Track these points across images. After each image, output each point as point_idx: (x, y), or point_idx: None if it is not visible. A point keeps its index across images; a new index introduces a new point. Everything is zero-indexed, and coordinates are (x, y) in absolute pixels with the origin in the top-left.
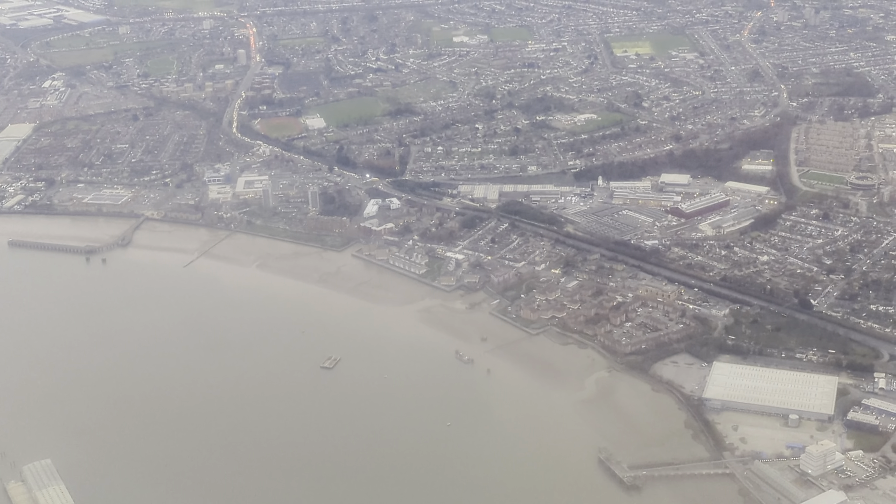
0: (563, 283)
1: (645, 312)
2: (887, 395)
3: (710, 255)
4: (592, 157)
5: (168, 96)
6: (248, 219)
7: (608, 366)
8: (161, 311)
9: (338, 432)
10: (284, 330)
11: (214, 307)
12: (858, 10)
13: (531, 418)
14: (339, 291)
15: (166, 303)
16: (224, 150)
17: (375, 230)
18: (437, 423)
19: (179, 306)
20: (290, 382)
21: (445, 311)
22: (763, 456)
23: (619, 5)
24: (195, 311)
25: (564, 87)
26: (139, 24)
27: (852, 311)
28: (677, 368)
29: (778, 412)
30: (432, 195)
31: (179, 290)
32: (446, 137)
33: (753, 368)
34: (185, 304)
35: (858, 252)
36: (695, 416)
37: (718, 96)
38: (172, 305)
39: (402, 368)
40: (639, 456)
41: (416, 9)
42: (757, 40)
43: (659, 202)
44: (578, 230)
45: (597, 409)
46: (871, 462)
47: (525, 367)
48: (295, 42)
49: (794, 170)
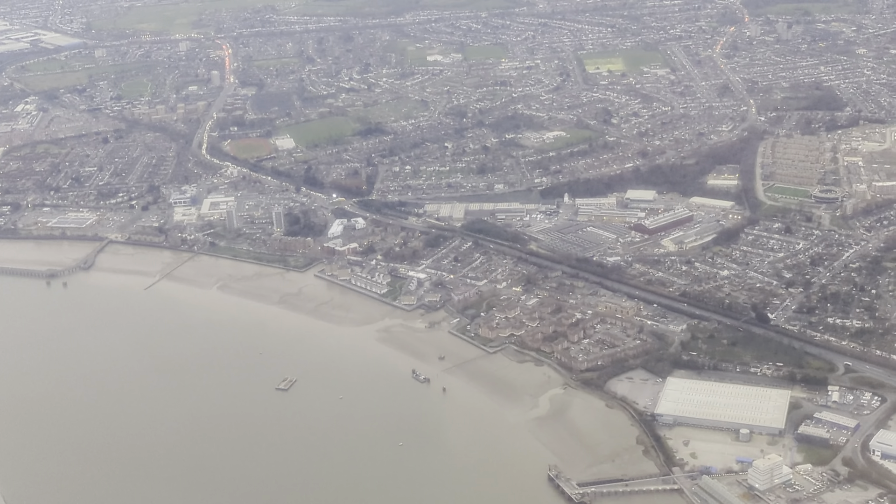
0: (523, 300)
1: (603, 329)
2: (840, 409)
3: (671, 271)
4: (559, 174)
5: (139, 118)
6: (211, 240)
7: (564, 383)
8: (119, 334)
9: (289, 454)
10: (242, 352)
11: (173, 330)
12: (831, 24)
13: (484, 437)
14: (298, 312)
15: (124, 326)
16: (192, 171)
17: (339, 250)
18: (390, 443)
19: (137, 329)
20: (245, 405)
21: (405, 330)
22: (712, 471)
23: (594, 22)
24: (153, 335)
25: (535, 104)
26: (115, 47)
27: (809, 325)
28: (632, 384)
29: (729, 427)
30: (398, 215)
31: (139, 313)
32: (415, 157)
33: (706, 383)
34: (144, 328)
35: (819, 265)
36: (647, 432)
37: (687, 112)
38: (131, 329)
39: (357, 389)
40: (589, 473)
41: (392, 28)
42: (729, 55)
43: (623, 218)
44: (542, 247)
45: (550, 426)
46: (819, 476)
47: (481, 385)
48: (270, 63)
49: (760, 184)
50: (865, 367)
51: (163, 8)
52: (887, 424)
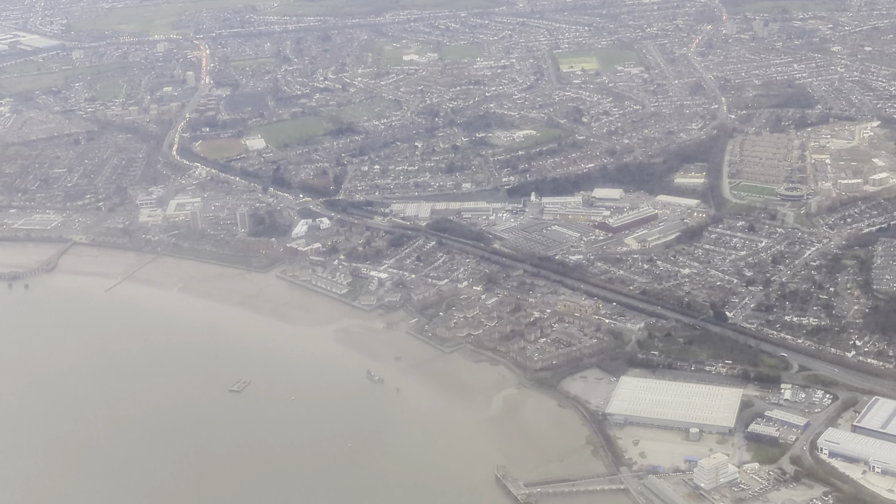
0: (483, 300)
1: (561, 328)
2: (791, 407)
3: (633, 269)
4: (527, 173)
5: (112, 120)
6: (175, 241)
7: (518, 382)
8: (75, 336)
9: (236, 457)
10: (197, 354)
11: (130, 332)
12: (808, 21)
13: (434, 437)
14: (258, 313)
15: (82, 328)
16: (161, 172)
17: (302, 250)
18: (339, 444)
19: (94, 331)
20: (196, 407)
21: (362, 330)
22: (660, 470)
23: (572, 21)
24: (109, 337)
25: (508, 103)
26: (93, 48)
27: (766, 323)
28: (586, 384)
29: (679, 426)
30: (364, 214)
31: (97, 315)
32: (384, 156)
33: (659, 382)
34: (101, 330)
35: (780, 263)
36: (597, 432)
37: (659, 110)
38: (87, 331)
39: (311, 390)
40: (537, 473)
41: (371, 28)
42: (703, 53)
43: (588, 217)
44: (506, 246)
45: (501, 426)
46: (766, 474)
47: (435, 385)
48: (246, 63)
49: (726, 182)
50: (819, 364)
51: (143, 9)
52: (837, 422)
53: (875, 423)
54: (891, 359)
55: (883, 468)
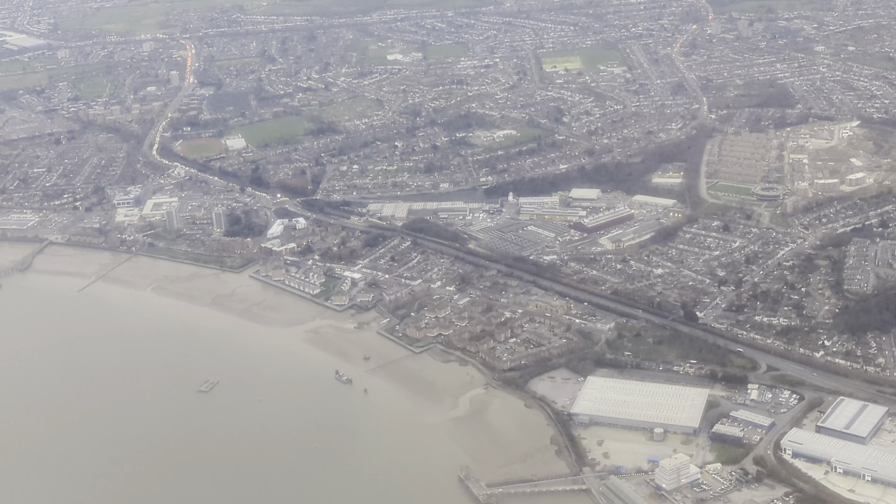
0: (455, 300)
1: (531, 328)
2: (757, 407)
3: (606, 270)
4: (505, 173)
5: (94, 119)
6: (150, 241)
7: (486, 383)
8: (46, 336)
9: (202, 457)
10: (167, 354)
11: (101, 332)
12: (793, 21)
13: (399, 438)
14: (229, 314)
15: (53, 328)
16: (140, 172)
17: (276, 250)
18: (305, 444)
19: (66, 331)
20: (164, 408)
21: (333, 331)
22: (622, 471)
23: (558, 21)
24: (81, 336)
25: (490, 103)
26: (79, 47)
27: (736, 323)
28: (553, 384)
29: (644, 426)
30: (341, 214)
31: (69, 315)
32: (364, 156)
33: (626, 382)
34: (72, 330)
35: (753, 263)
36: (561, 432)
37: (640, 110)
38: (59, 331)
39: (279, 390)
40: (500, 473)
41: (357, 27)
42: (687, 53)
43: (564, 217)
44: (481, 246)
45: (466, 426)
46: (728, 475)
47: (403, 386)
48: (231, 63)
49: (703, 182)
50: (788, 365)
51: (131, 8)
52: (802, 423)
53: (839, 424)
54: (858, 359)
55: (845, 468)
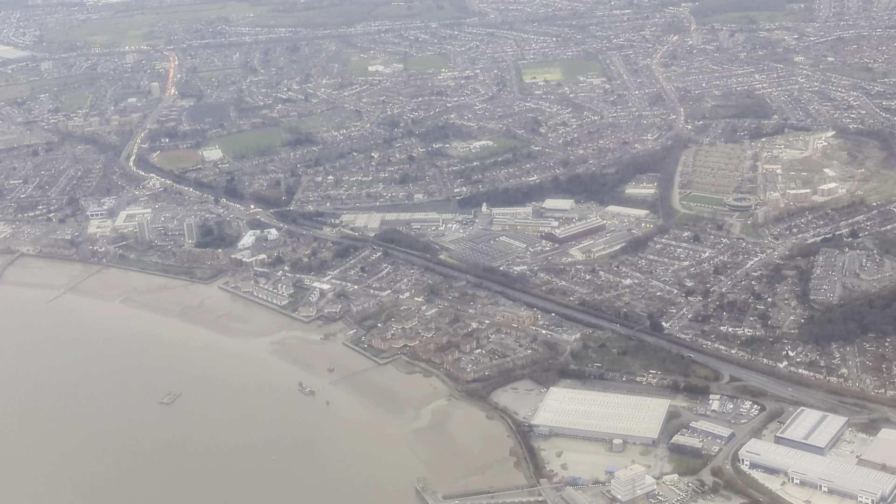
0: (423, 311)
1: (497, 339)
2: (718, 418)
3: (574, 280)
4: (479, 183)
5: (73, 131)
6: (121, 253)
7: (449, 394)
8: (12, 348)
9: (161, 469)
10: (131, 366)
11: (67, 344)
12: (774, 31)
13: (359, 450)
14: (196, 325)
15: (20, 340)
16: (116, 184)
17: (246, 261)
18: (264, 457)
19: (33, 343)
20: (125, 419)
21: (299, 342)
22: (580, 482)
23: (540, 32)
24: (47, 348)
25: (468, 114)
26: (63, 59)
27: (702, 333)
28: (516, 395)
29: (603, 437)
30: (313, 225)
31: (37, 326)
32: (340, 167)
33: (588, 393)
34: (39, 341)
35: (721, 274)
36: (521, 444)
37: (616, 121)
38: (26, 342)
39: (241, 402)
40: (457, 485)
41: (340, 39)
42: (667, 64)
43: (537, 228)
44: (452, 257)
45: (427, 438)
46: (685, 486)
47: (365, 397)
48: (213, 74)
49: (676, 192)
50: (751, 375)
51: (117, 20)
52: (762, 433)
53: (798, 434)
54: (822, 369)
55: (801, 479)
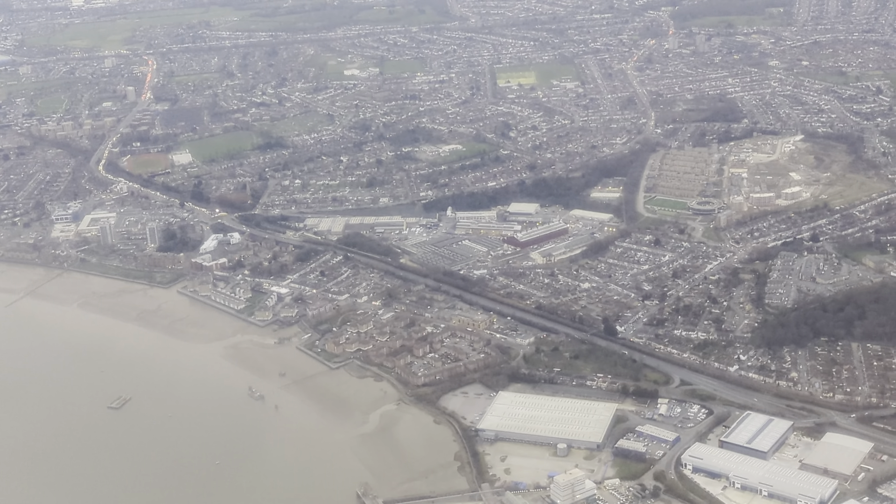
0: (379, 315)
1: (451, 343)
2: (665, 422)
3: (533, 284)
4: (445, 187)
5: (46, 135)
6: (83, 256)
7: (398, 398)
8: None
9: (102, 474)
10: (84, 370)
11: (21, 347)
12: (751, 36)
13: (304, 454)
14: (151, 329)
15: None
16: (84, 188)
17: (206, 265)
18: (208, 462)
19: None
20: (71, 424)
21: (253, 346)
22: (521, 487)
23: (518, 36)
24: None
25: (440, 118)
26: (42, 63)
27: (655, 337)
28: (465, 399)
29: (548, 441)
30: (277, 229)
31: None
32: (308, 171)
33: (536, 397)
34: None
35: (680, 277)
36: (466, 448)
37: (587, 125)
38: None
39: (190, 407)
40: (399, 490)
41: (319, 43)
42: (641, 68)
43: (500, 231)
44: (413, 261)
45: (373, 443)
46: (626, 490)
47: (315, 402)
48: (190, 78)
49: (641, 196)
50: (702, 379)
51: (99, 25)
52: (707, 437)
53: (742, 439)
54: (772, 373)
55: (742, 483)
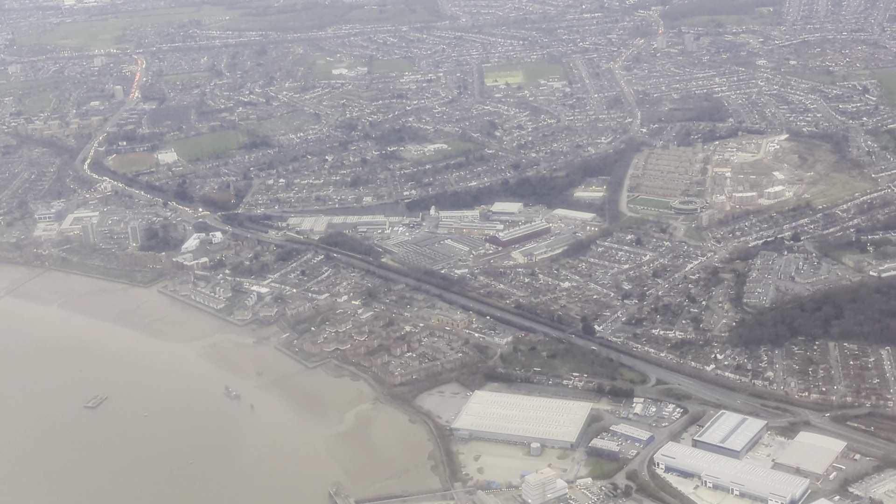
0: (358, 314)
1: (429, 342)
2: (640, 421)
3: (513, 283)
4: (429, 186)
5: (32, 134)
6: (65, 256)
7: (375, 398)
8: None
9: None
10: (62, 369)
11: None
12: (740, 35)
13: (278, 454)
14: (131, 329)
15: None
16: (69, 187)
17: (188, 265)
18: (182, 461)
19: None
20: (48, 423)
21: (231, 346)
22: (493, 486)
23: (508, 35)
24: None
25: (427, 117)
26: (31, 62)
27: (633, 336)
28: (441, 398)
29: (522, 441)
30: (259, 228)
31: None
32: (293, 170)
33: (511, 397)
34: None
35: (660, 277)
36: (440, 447)
37: (573, 124)
38: None
39: (166, 406)
40: (372, 489)
41: (309, 42)
42: (629, 67)
43: (482, 231)
44: (394, 260)
45: (347, 442)
46: (598, 490)
47: (291, 401)
48: (179, 77)
49: (625, 196)
50: (678, 378)
51: (90, 24)
52: (681, 437)
53: (715, 438)
54: (748, 372)
55: (714, 483)
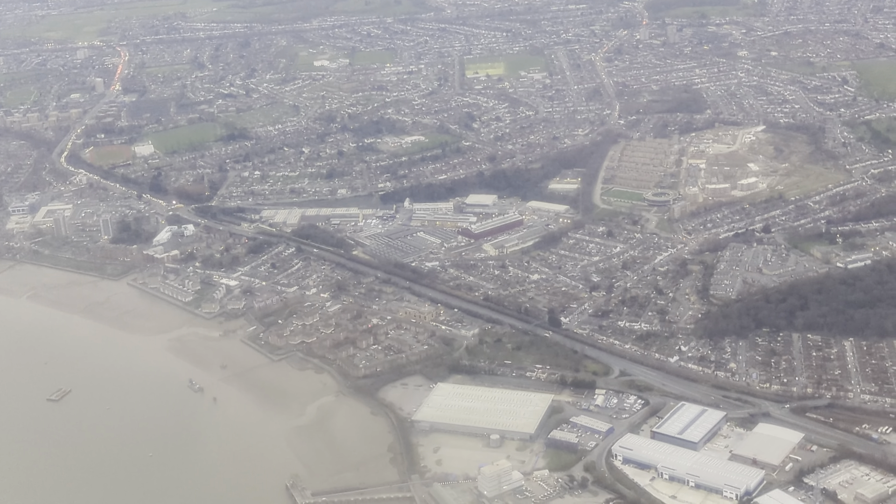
0: (327, 307)
1: (396, 335)
2: (600, 412)
3: (483, 276)
4: (405, 178)
5: (11, 126)
6: (36, 248)
7: (338, 390)
8: None
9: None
10: (27, 362)
11: None
12: (723, 26)
13: (237, 446)
14: (98, 321)
15: None
16: (44, 179)
17: (158, 258)
18: (141, 453)
19: None
20: (9, 416)
21: (197, 339)
22: (451, 478)
23: (492, 27)
24: None
25: (405, 108)
26: (14, 55)
27: (599, 328)
28: (405, 390)
29: (482, 432)
30: (233, 221)
31: None
32: (269, 162)
33: (474, 389)
34: None
35: (629, 269)
36: (400, 439)
37: (550, 116)
38: None
39: (129, 399)
40: (329, 482)
41: (292, 34)
42: (610, 59)
43: (455, 223)
44: (366, 253)
45: (307, 434)
46: (554, 481)
47: (254, 394)
48: (161, 69)
49: (598, 188)
50: (641, 370)
51: (75, 16)
52: (641, 428)
53: (673, 429)
54: (711, 364)
55: (670, 474)
